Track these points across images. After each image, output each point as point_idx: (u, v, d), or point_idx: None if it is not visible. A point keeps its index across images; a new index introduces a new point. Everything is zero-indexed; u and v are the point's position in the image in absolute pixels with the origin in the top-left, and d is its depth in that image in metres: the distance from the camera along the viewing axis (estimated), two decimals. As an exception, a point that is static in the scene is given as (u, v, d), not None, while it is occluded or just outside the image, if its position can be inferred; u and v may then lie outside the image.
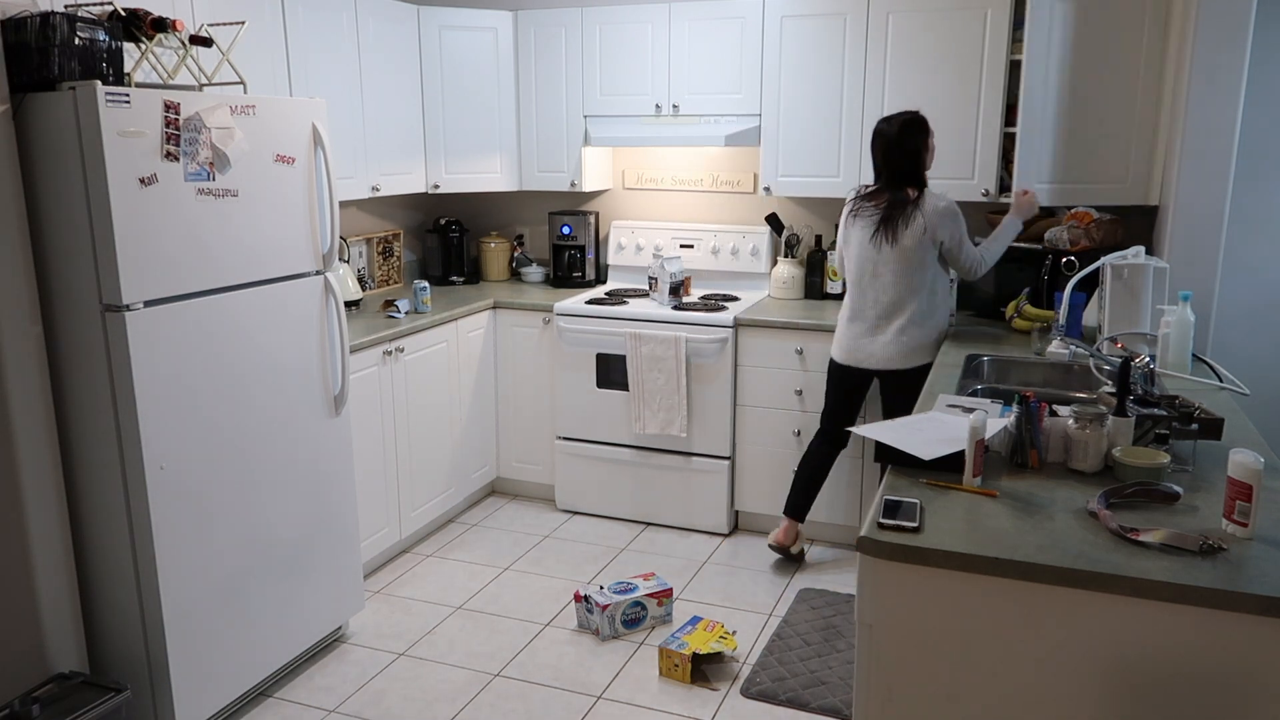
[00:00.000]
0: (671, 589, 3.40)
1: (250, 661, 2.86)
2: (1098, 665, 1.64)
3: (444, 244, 4.72)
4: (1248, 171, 3.82)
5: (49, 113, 2.37)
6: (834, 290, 4.22)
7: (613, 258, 4.65)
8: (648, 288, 4.33)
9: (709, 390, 3.98)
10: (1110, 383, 2.51)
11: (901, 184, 3.34)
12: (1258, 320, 4.00)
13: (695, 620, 3.23)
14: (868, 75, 3.85)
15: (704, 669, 3.07)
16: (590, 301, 4.23)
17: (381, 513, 3.72)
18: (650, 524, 4.23)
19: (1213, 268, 3.36)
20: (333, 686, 3.03)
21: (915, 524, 1.77)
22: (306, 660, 3.15)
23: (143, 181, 2.41)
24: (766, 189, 4.11)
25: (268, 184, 2.79)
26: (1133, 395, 2.21)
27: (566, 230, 4.60)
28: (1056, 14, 3.50)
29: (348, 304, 3.94)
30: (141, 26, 2.57)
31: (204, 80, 2.80)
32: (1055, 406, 2.24)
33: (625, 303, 4.21)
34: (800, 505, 3.73)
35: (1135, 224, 3.79)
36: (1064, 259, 3.49)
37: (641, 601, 3.32)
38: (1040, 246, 3.65)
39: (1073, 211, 3.64)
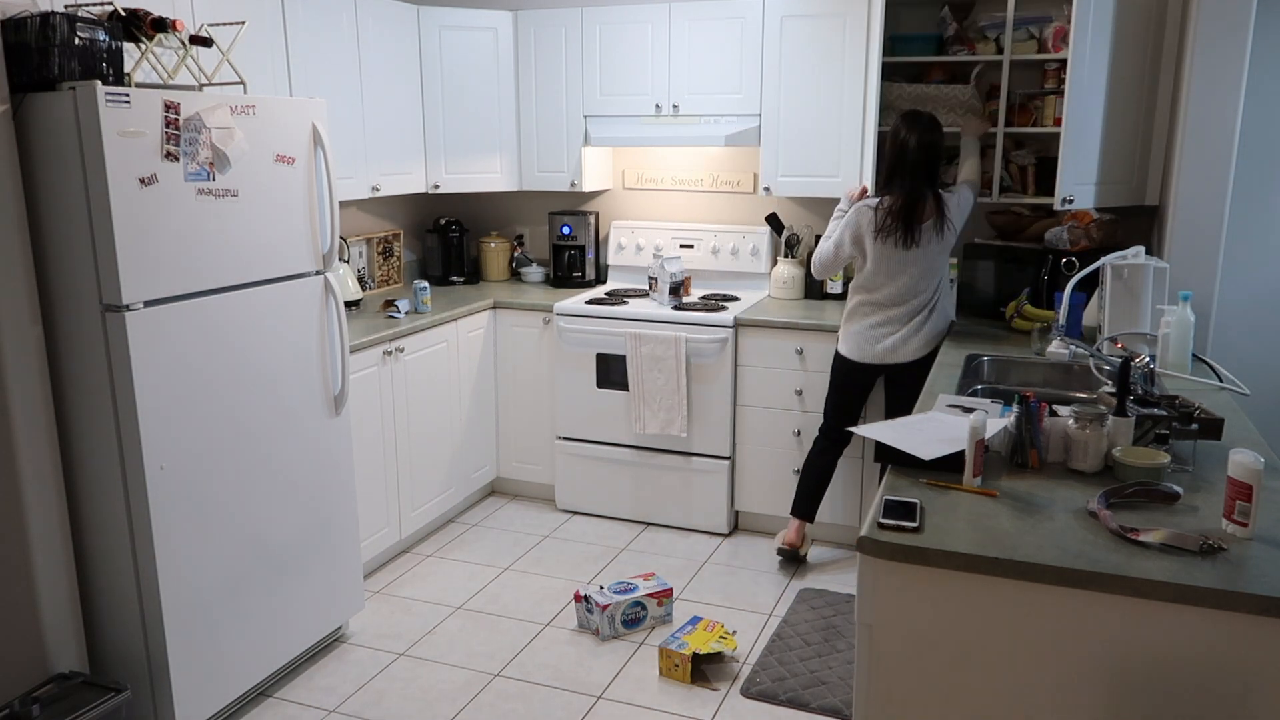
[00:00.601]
0: (671, 589, 3.40)
1: (250, 661, 2.86)
2: (1098, 665, 1.64)
3: (444, 244, 4.72)
4: (1248, 171, 3.82)
5: (49, 113, 2.37)
6: (834, 290, 4.22)
7: (613, 258, 4.65)
8: (648, 288, 4.33)
9: (709, 390, 3.98)
10: (1110, 383, 2.51)
11: (926, 183, 3.36)
12: (1258, 320, 4.00)
13: (695, 620, 3.23)
14: (868, 75, 3.84)
15: (704, 669, 3.07)
16: (590, 301, 4.23)
17: (381, 513, 3.72)
18: (650, 524, 4.23)
19: (1213, 268, 3.36)
20: (333, 686, 3.03)
21: (915, 524, 1.77)
22: (306, 660, 3.15)
23: (143, 181, 2.41)
24: (766, 189, 4.11)
25: (268, 184, 2.80)
26: (1133, 395, 2.21)
27: (566, 230, 4.60)
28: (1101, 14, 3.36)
29: (348, 304, 3.94)
30: (141, 26, 2.57)
31: (204, 80, 2.80)
32: (1055, 406, 2.24)
33: (625, 303, 4.21)
34: (809, 507, 3.74)
35: (1135, 224, 3.79)
36: (1064, 259, 3.49)
37: (641, 601, 3.32)
38: (1040, 246, 3.65)
39: (1073, 211, 3.64)
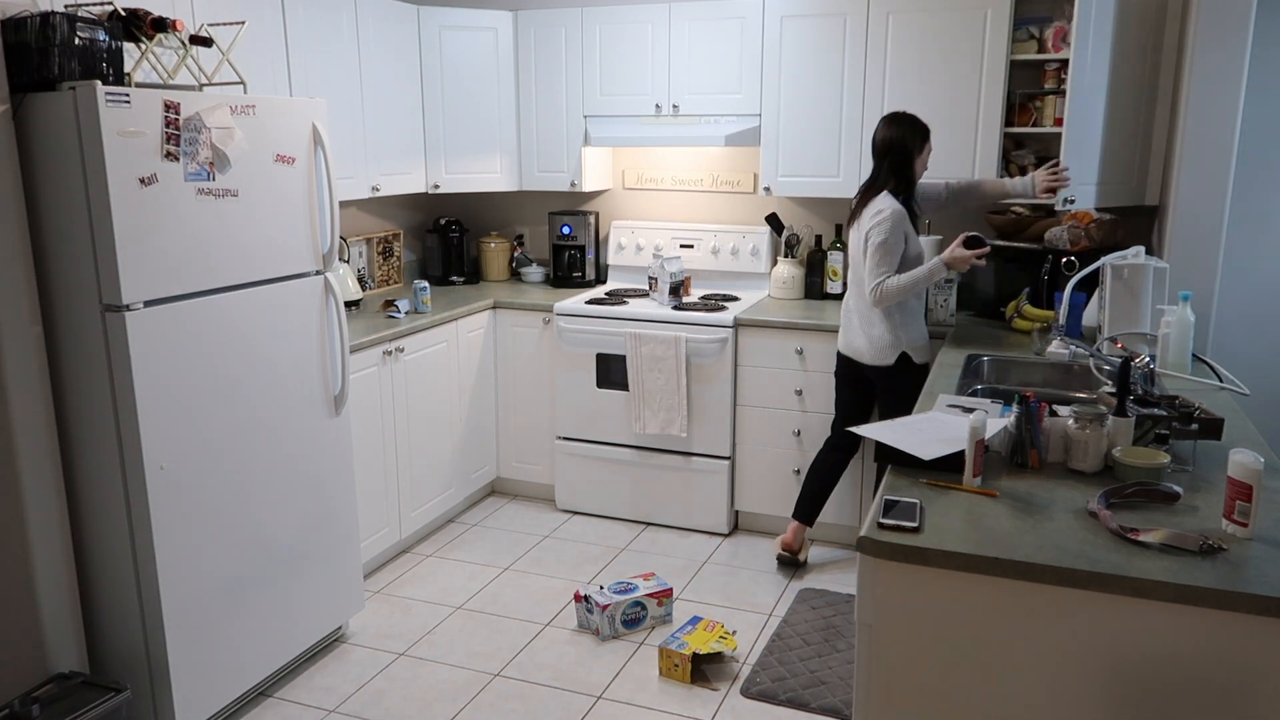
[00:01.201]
0: (671, 589, 3.40)
1: (250, 661, 2.86)
2: (1098, 665, 1.64)
3: (444, 244, 4.72)
4: (1248, 171, 3.82)
5: (49, 113, 2.37)
6: (834, 290, 4.22)
7: (613, 258, 4.65)
8: (648, 288, 4.33)
9: (709, 390, 3.98)
10: (1110, 383, 2.51)
11: (874, 180, 3.38)
12: (1258, 320, 4.00)
13: (695, 620, 3.23)
14: (868, 75, 3.85)
15: (704, 669, 3.07)
16: (590, 301, 4.23)
17: (381, 513, 3.72)
18: (650, 524, 4.23)
19: (1213, 268, 3.35)
20: (333, 686, 3.03)
21: (915, 524, 1.77)
22: (306, 660, 3.15)
23: (143, 181, 2.41)
24: (766, 189, 4.11)
25: (268, 184, 2.79)
26: (1133, 395, 2.21)
27: (566, 230, 4.60)
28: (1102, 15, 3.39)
29: (348, 304, 3.94)
30: (141, 26, 2.57)
31: (204, 80, 2.80)
32: (1055, 406, 2.24)
33: (625, 303, 4.21)
34: (808, 510, 3.73)
35: (1135, 224, 3.79)
36: (1064, 259, 3.49)
37: (641, 601, 3.32)
38: (1040, 246, 3.65)
39: (1073, 211, 3.64)
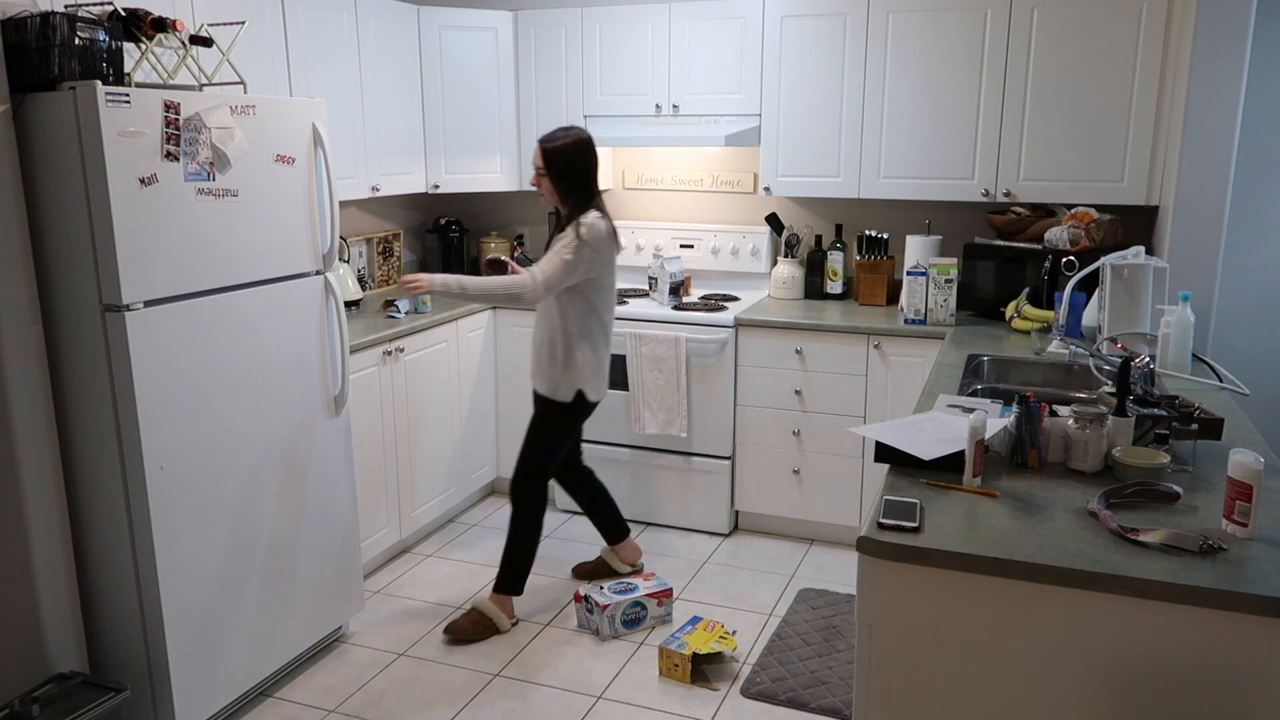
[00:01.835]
0: (671, 589, 3.40)
1: (250, 661, 2.86)
2: (1098, 665, 1.64)
3: (444, 244, 4.72)
4: (1248, 171, 3.82)
5: (49, 113, 2.37)
6: (834, 290, 4.22)
7: (613, 258, 4.64)
8: (648, 288, 4.33)
9: (709, 390, 3.98)
10: (1110, 383, 2.51)
11: (564, 204, 3.19)
12: (1258, 320, 4.00)
13: (695, 620, 3.23)
14: (868, 75, 3.85)
15: (704, 669, 3.07)
16: (590, 301, 4.23)
17: (381, 513, 3.72)
18: (650, 524, 4.23)
19: (1213, 268, 3.36)
20: (333, 686, 3.03)
21: (915, 524, 1.77)
22: (306, 660, 3.15)
23: (143, 181, 2.41)
24: (766, 189, 4.11)
25: (268, 184, 2.80)
26: (1133, 395, 2.21)
27: (566, 230, 4.60)
28: (1054, 13, 3.52)
29: (348, 304, 3.94)
30: (141, 26, 2.57)
31: (204, 80, 2.80)
32: (1055, 406, 2.24)
33: (625, 303, 4.21)
34: (614, 527, 3.67)
35: (1135, 224, 3.79)
36: (1064, 259, 3.49)
37: (641, 601, 3.32)
38: (1040, 246, 3.65)
39: (1073, 211, 3.65)
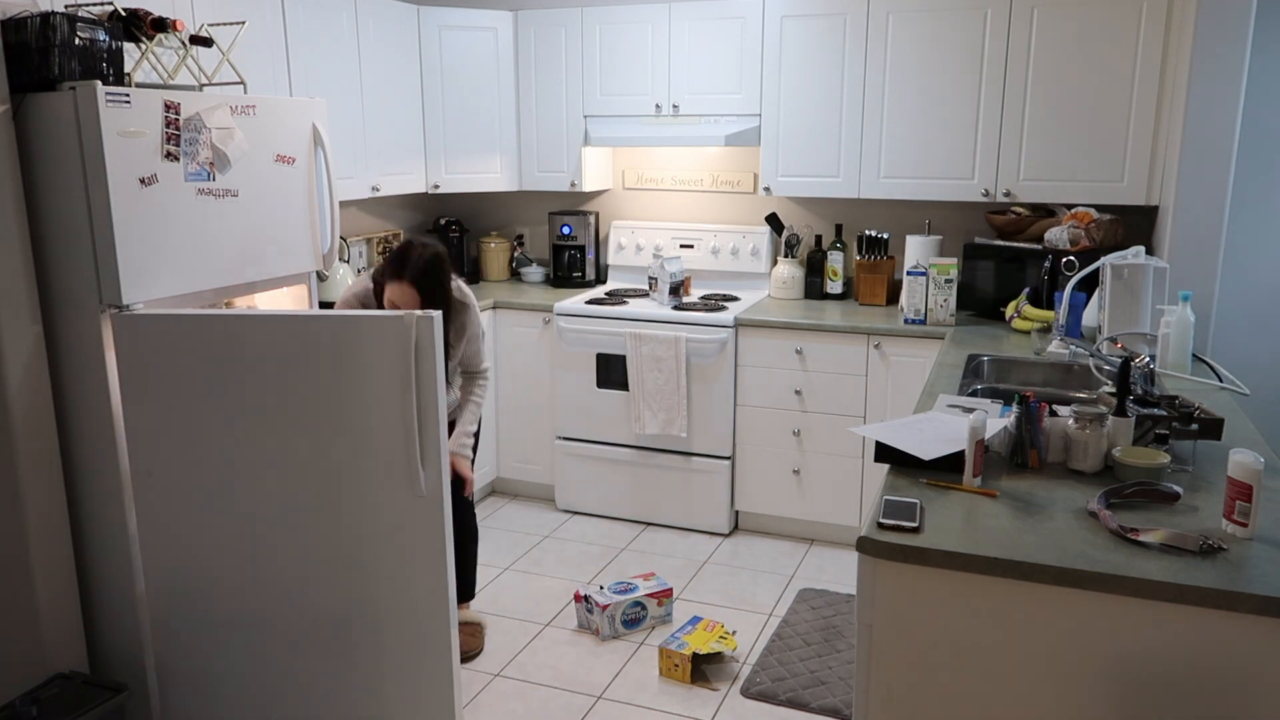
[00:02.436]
0: (671, 589, 3.40)
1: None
2: (1098, 665, 1.64)
3: (444, 244, 4.68)
4: (1248, 171, 3.82)
5: (49, 113, 2.37)
6: (834, 290, 4.22)
7: (613, 258, 4.65)
8: (648, 288, 4.33)
9: (709, 390, 3.98)
10: (1110, 383, 2.51)
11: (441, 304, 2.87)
12: (1258, 320, 4.00)
13: (695, 620, 3.23)
14: (868, 75, 3.84)
15: (704, 669, 3.07)
16: (590, 301, 4.23)
17: (381, 513, 3.71)
18: (650, 524, 4.23)
19: (1213, 268, 3.36)
20: (333, 686, 3.02)
21: (915, 524, 1.77)
22: (306, 660, 3.15)
23: (143, 181, 2.42)
24: (766, 189, 4.11)
25: (268, 184, 2.80)
26: (1133, 395, 2.21)
27: (566, 230, 4.60)
28: (1054, 12, 3.53)
29: (348, 304, 3.94)
30: (141, 26, 2.57)
31: (204, 80, 2.80)
32: (1055, 406, 2.24)
33: (625, 303, 4.21)
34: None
35: (1135, 224, 3.79)
36: (1064, 259, 3.49)
37: (641, 601, 3.32)
38: (1040, 246, 3.65)
39: (1073, 211, 3.64)
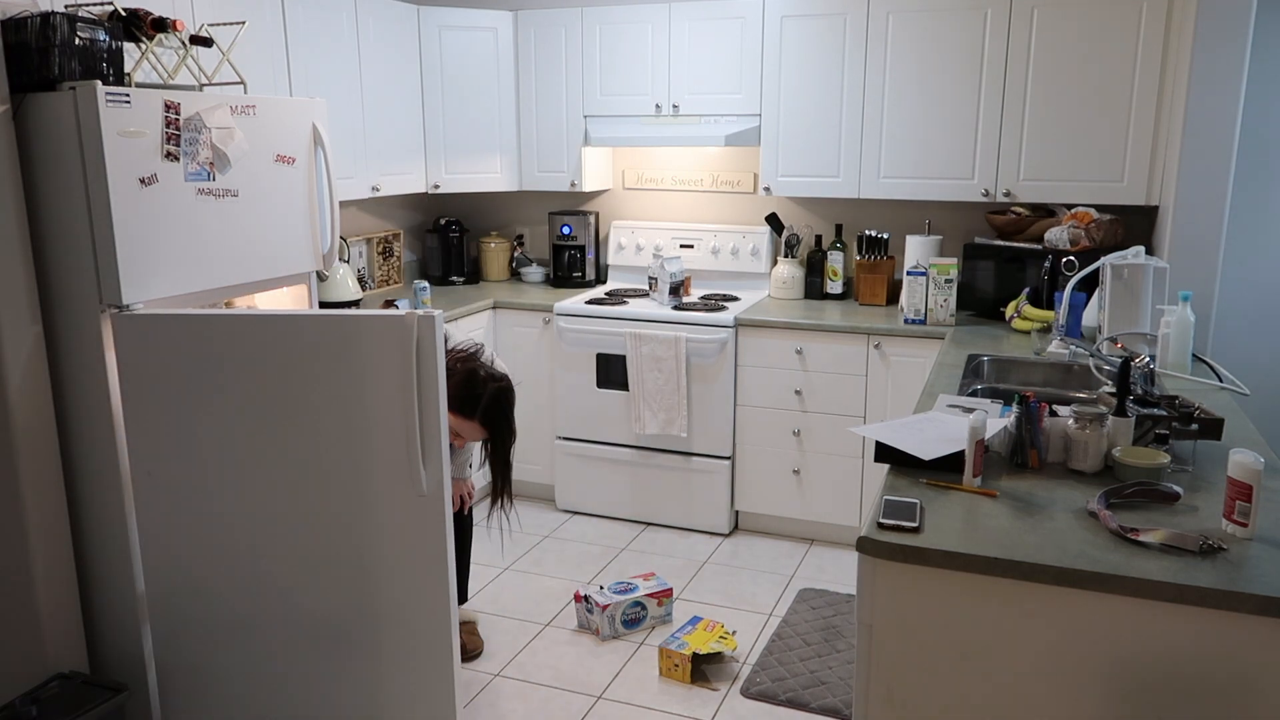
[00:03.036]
0: (671, 589, 3.40)
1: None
2: (1097, 665, 1.64)
3: (444, 244, 4.72)
4: (1248, 171, 3.82)
5: (49, 113, 2.37)
6: (834, 290, 4.22)
7: (613, 258, 4.65)
8: (648, 288, 4.33)
9: (709, 390, 3.98)
10: (1110, 383, 2.52)
11: None
12: (1258, 320, 4.00)
13: (695, 620, 3.23)
14: (868, 75, 3.85)
15: (704, 669, 3.07)
16: (590, 301, 4.23)
17: (381, 513, 3.71)
18: (650, 524, 4.23)
19: (1213, 268, 3.36)
20: (333, 686, 3.02)
21: (915, 524, 1.77)
22: (306, 660, 3.15)
23: (143, 181, 2.42)
24: (766, 189, 4.11)
25: (268, 184, 2.80)
26: (1133, 395, 2.21)
27: (566, 230, 4.60)
28: (1054, 12, 3.53)
29: (348, 304, 3.94)
30: (142, 26, 2.57)
31: (204, 80, 2.80)
32: (1055, 406, 2.24)
33: (625, 303, 4.21)
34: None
35: (1135, 224, 3.79)
36: (1064, 259, 3.49)
37: (641, 601, 3.32)
38: (1040, 246, 3.65)
39: (1073, 211, 3.64)
